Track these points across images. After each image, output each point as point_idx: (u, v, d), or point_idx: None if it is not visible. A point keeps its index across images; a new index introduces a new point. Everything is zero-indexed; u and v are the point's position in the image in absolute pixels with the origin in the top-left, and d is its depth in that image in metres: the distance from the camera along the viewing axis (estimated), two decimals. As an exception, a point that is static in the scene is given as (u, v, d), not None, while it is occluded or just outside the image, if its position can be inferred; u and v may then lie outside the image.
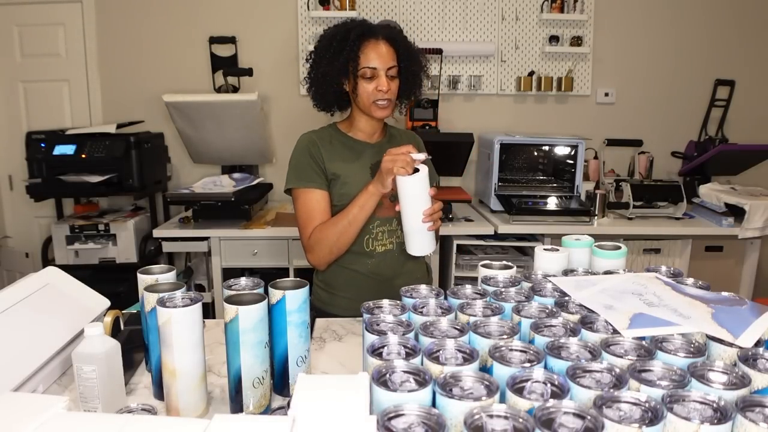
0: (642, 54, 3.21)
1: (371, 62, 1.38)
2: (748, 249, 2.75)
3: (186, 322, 0.85)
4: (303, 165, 1.45)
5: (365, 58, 1.38)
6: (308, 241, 1.44)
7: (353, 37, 1.37)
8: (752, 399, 0.66)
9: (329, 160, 1.45)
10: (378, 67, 1.39)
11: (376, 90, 1.40)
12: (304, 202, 1.44)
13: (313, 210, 1.43)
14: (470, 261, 2.63)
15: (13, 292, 1.06)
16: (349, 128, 1.52)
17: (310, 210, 1.44)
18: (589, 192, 2.79)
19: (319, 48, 1.42)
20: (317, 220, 1.43)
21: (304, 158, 1.45)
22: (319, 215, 1.43)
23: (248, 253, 2.62)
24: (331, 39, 1.40)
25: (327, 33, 1.43)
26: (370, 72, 1.39)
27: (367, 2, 3.07)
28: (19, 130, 3.05)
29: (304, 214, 1.44)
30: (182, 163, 3.19)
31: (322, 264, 1.48)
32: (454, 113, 3.20)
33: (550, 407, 0.62)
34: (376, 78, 1.40)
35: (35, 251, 3.15)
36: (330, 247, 1.43)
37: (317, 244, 1.43)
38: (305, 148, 1.46)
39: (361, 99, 1.42)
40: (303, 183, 1.44)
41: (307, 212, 1.44)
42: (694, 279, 1.09)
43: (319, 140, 1.47)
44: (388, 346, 0.80)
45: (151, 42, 3.11)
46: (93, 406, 0.87)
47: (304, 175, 1.44)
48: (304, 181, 1.44)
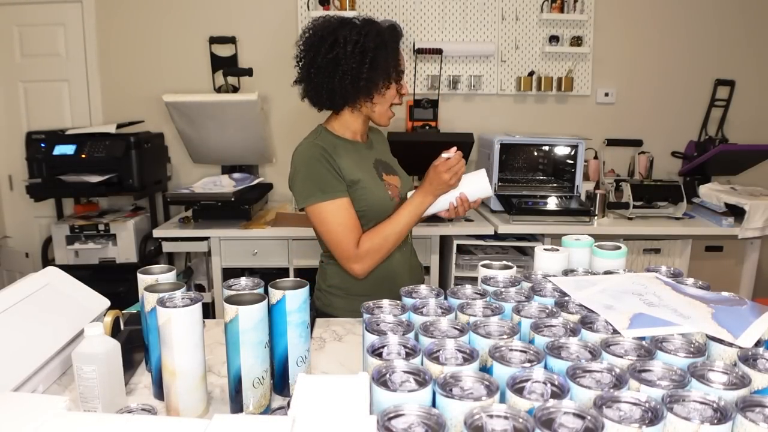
0: (642, 54, 3.21)
1: (403, 66, 1.41)
2: (748, 249, 2.75)
3: (186, 322, 0.85)
4: (322, 175, 1.37)
5: (402, 62, 1.41)
6: (357, 251, 1.38)
7: (395, 38, 1.37)
8: (752, 399, 0.66)
9: (344, 166, 1.39)
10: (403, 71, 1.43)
11: (398, 94, 1.42)
12: (337, 215, 1.37)
13: (350, 219, 1.38)
14: (470, 261, 2.63)
15: (13, 292, 1.06)
16: (340, 130, 1.47)
17: (346, 221, 1.37)
18: (589, 192, 2.79)
19: (369, 42, 1.33)
20: (356, 230, 1.38)
21: (323, 168, 1.37)
22: (354, 224, 1.38)
23: (248, 253, 2.62)
24: (384, 37, 1.35)
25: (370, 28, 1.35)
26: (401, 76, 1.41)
27: (367, 2, 3.07)
28: (19, 130, 3.05)
29: (341, 227, 1.37)
30: (182, 163, 3.19)
31: (368, 273, 1.42)
32: (454, 113, 3.20)
33: (550, 407, 0.62)
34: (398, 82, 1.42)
35: (35, 251, 3.15)
36: (383, 256, 1.41)
37: (369, 255, 1.38)
38: (318, 157, 1.37)
39: (382, 102, 1.41)
40: (330, 195, 1.36)
41: (343, 224, 1.37)
42: (694, 279, 1.09)
43: (328, 148, 1.39)
44: (388, 346, 0.80)
45: (151, 42, 3.11)
46: (93, 406, 0.87)
47: (327, 186, 1.36)
48: (330, 192, 1.36)
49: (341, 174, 1.39)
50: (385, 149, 1.61)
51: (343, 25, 1.35)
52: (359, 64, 1.33)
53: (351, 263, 1.39)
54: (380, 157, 1.53)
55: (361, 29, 1.35)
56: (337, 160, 1.39)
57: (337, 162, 1.39)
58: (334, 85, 1.36)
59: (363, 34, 1.34)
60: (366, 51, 1.33)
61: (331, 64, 1.34)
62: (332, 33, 1.34)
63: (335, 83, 1.35)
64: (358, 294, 1.43)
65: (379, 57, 1.34)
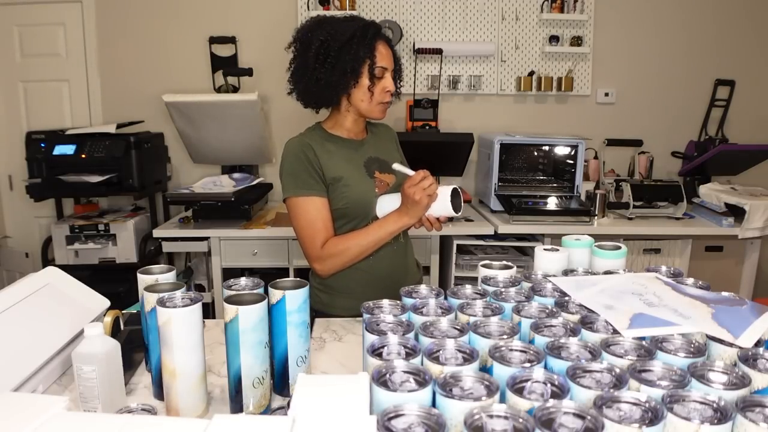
0: (642, 54, 3.21)
1: (383, 62, 1.39)
2: (748, 249, 2.75)
3: (186, 322, 0.85)
4: (299, 172, 1.40)
5: (380, 57, 1.38)
6: (319, 252, 1.39)
7: (370, 35, 1.36)
8: (752, 399, 0.66)
9: (327, 163, 1.41)
10: (387, 68, 1.40)
11: (384, 91, 1.40)
12: (306, 211, 1.39)
13: (317, 219, 1.39)
14: (470, 261, 2.63)
15: (13, 292, 1.06)
16: (334, 128, 1.48)
17: (313, 220, 1.39)
18: (589, 192, 2.79)
19: (333, 43, 1.34)
20: (323, 230, 1.40)
21: (300, 164, 1.40)
22: (323, 225, 1.40)
23: (248, 253, 2.62)
24: (351, 35, 1.34)
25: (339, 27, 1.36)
26: (381, 72, 1.39)
27: (367, 2, 3.07)
28: (19, 130, 3.05)
29: (307, 224, 1.39)
30: (182, 163, 3.19)
31: (330, 274, 1.44)
32: (454, 113, 3.20)
33: (550, 407, 0.62)
34: (383, 78, 1.40)
35: (35, 251, 3.15)
36: (346, 263, 1.41)
37: (332, 257, 1.39)
38: (299, 153, 1.40)
39: (366, 98, 1.40)
40: (303, 191, 1.39)
41: (310, 222, 1.39)
42: (694, 279, 1.09)
43: (313, 144, 1.42)
44: (388, 346, 0.80)
45: (151, 42, 3.11)
46: (93, 406, 0.87)
47: (302, 182, 1.39)
48: (303, 188, 1.39)
49: (321, 172, 1.40)
50: (388, 147, 1.59)
51: (319, 26, 1.37)
52: (320, 64, 1.35)
53: (313, 262, 1.43)
54: (377, 155, 1.51)
55: (331, 27, 1.36)
56: (322, 157, 1.41)
57: (320, 160, 1.40)
58: (307, 86, 1.39)
59: (331, 33, 1.35)
60: (329, 50, 1.34)
61: (301, 66, 1.38)
62: (305, 34, 1.38)
63: (307, 85, 1.39)
64: (343, 292, 1.47)
65: (343, 55, 1.34)
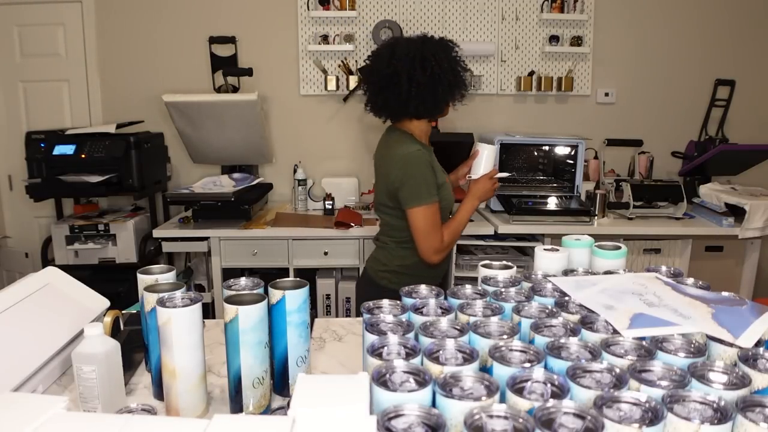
0: (642, 54, 3.21)
1: None
2: (748, 249, 2.75)
3: (186, 322, 0.85)
4: (430, 180, 1.62)
5: None
6: (441, 245, 1.65)
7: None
8: (752, 399, 0.66)
9: (438, 170, 1.67)
10: None
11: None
12: (434, 214, 1.63)
13: (438, 219, 1.65)
14: (470, 261, 2.63)
15: (13, 292, 1.06)
16: (422, 137, 1.70)
17: (437, 220, 1.64)
18: (589, 192, 2.79)
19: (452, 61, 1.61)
20: (441, 227, 1.65)
21: (430, 173, 1.62)
22: (440, 223, 1.66)
23: (248, 253, 2.62)
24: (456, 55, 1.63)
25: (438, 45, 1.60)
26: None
27: (367, 2, 3.07)
28: (18, 130, 3.04)
29: (433, 224, 1.63)
30: (182, 163, 3.19)
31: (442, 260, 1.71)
32: (454, 113, 3.16)
33: (550, 407, 0.62)
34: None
35: (35, 251, 3.15)
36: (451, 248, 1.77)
37: (448, 247, 1.69)
38: (429, 163, 1.63)
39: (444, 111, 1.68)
40: (434, 198, 1.62)
41: (437, 223, 1.64)
42: (694, 279, 1.09)
43: (429, 155, 1.66)
44: (388, 346, 0.80)
45: (151, 42, 3.11)
46: (93, 406, 0.87)
47: (433, 190, 1.62)
48: (434, 196, 1.62)
49: (437, 179, 1.64)
50: None
51: (423, 44, 1.59)
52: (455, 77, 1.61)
53: (436, 254, 1.66)
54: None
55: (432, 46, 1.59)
56: (435, 166, 1.66)
57: (435, 167, 1.66)
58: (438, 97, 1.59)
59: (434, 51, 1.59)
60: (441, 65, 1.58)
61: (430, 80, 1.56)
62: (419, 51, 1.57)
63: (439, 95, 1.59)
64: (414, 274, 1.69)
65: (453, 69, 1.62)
